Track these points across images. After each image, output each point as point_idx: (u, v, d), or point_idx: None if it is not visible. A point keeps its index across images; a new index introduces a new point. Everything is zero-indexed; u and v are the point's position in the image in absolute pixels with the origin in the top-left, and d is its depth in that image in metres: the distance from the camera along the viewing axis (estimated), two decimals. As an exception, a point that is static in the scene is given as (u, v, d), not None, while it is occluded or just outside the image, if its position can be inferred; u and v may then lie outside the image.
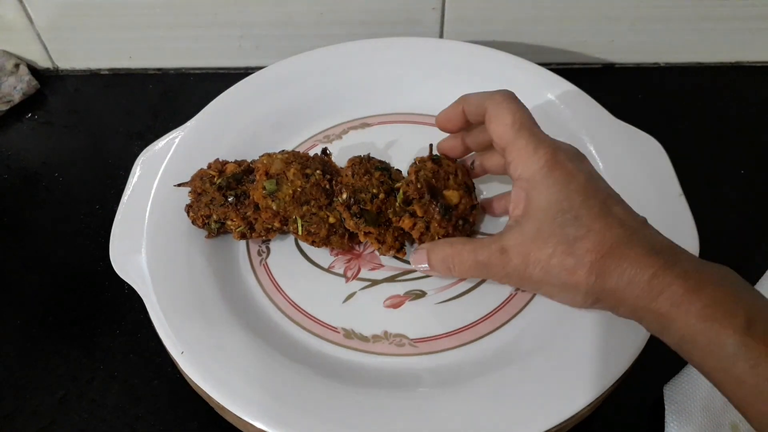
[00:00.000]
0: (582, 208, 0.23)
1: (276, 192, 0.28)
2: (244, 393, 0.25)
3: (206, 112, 0.35)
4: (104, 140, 0.41)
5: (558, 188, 0.24)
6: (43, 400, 0.30)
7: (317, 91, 0.37)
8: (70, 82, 0.45)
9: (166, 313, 0.27)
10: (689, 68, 0.44)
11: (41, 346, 0.32)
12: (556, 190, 0.24)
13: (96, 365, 0.31)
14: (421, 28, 0.42)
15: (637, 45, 0.43)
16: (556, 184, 0.24)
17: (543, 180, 0.24)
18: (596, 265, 0.22)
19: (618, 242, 0.22)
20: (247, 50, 0.44)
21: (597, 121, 0.34)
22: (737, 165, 0.38)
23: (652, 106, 0.42)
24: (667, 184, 0.31)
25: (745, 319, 0.20)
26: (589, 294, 0.23)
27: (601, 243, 0.22)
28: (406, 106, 0.37)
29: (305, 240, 0.29)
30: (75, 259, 0.35)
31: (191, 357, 0.26)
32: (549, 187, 0.24)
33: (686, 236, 0.29)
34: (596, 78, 0.43)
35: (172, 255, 0.29)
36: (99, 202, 0.38)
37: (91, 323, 0.32)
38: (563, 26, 0.42)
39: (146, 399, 0.30)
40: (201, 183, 0.30)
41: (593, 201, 0.23)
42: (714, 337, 0.20)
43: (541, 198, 0.24)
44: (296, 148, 0.35)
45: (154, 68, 0.45)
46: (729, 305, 0.20)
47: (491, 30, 0.42)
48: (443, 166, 0.30)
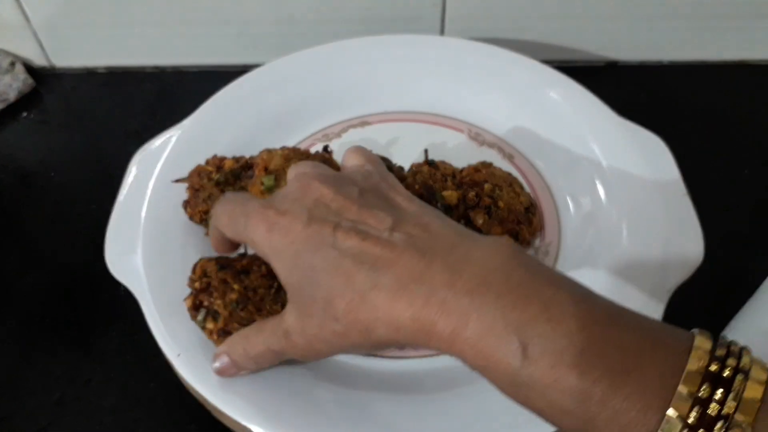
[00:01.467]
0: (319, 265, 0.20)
1: (274, 188, 0.28)
2: (241, 396, 0.25)
3: (203, 110, 0.35)
4: (101, 139, 0.41)
5: (285, 253, 0.20)
6: (39, 402, 0.29)
7: (316, 89, 0.36)
8: (67, 80, 0.45)
9: (162, 314, 0.27)
10: (694, 66, 0.43)
11: (37, 348, 0.31)
12: (284, 256, 0.21)
13: (93, 367, 0.31)
14: (422, 25, 0.42)
15: (640, 42, 0.43)
16: (280, 250, 0.21)
17: (270, 251, 0.21)
18: (359, 324, 0.19)
19: (365, 289, 0.19)
20: (245, 48, 0.43)
21: (600, 119, 0.33)
22: (743, 164, 0.38)
23: (656, 105, 0.41)
24: (672, 184, 0.31)
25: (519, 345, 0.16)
26: (374, 346, 0.20)
27: (352, 298, 0.19)
28: (407, 104, 0.36)
29: None
30: (71, 259, 0.35)
31: (188, 359, 0.26)
32: (275, 254, 0.21)
33: (691, 237, 0.29)
34: (600, 76, 0.43)
35: (168, 255, 0.29)
36: (95, 202, 0.37)
37: (88, 325, 0.32)
38: (566, 23, 0.42)
39: (144, 401, 0.29)
40: (199, 179, 0.30)
41: (325, 252, 0.20)
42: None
43: (278, 267, 0.21)
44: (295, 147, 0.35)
45: (152, 66, 0.45)
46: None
47: (493, 27, 0.42)
48: (440, 169, 0.30)
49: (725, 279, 0.32)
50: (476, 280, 0.18)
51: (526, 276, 0.18)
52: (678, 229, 0.29)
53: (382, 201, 0.21)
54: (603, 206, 0.31)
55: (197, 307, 0.25)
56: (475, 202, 0.29)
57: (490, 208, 0.29)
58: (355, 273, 0.19)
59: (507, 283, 0.18)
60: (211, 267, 0.25)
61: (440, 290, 0.18)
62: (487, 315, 0.17)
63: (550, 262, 0.30)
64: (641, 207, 0.30)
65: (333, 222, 0.20)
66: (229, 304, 0.24)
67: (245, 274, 0.25)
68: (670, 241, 0.28)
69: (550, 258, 0.30)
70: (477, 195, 0.29)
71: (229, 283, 0.25)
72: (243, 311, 0.24)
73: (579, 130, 0.33)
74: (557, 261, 0.30)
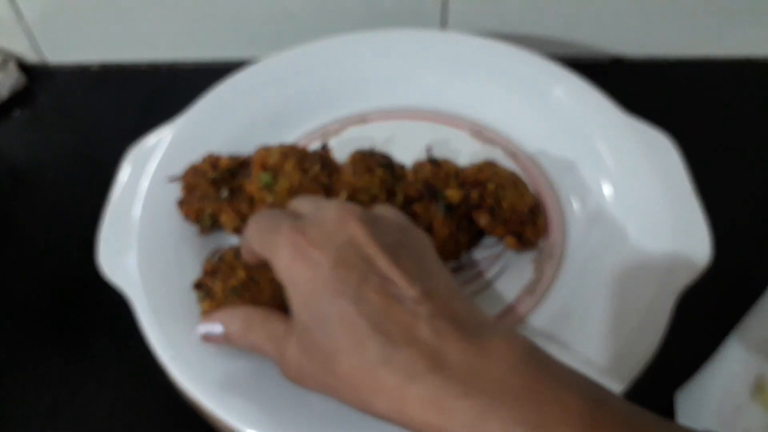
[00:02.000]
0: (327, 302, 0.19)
1: (272, 185, 0.28)
2: (236, 400, 0.24)
3: (198, 107, 0.34)
4: (94, 137, 0.40)
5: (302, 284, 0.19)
6: (33, 407, 0.29)
7: (314, 85, 0.36)
8: (60, 77, 0.44)
9: (156, 317, 0.26)
10: (701, 62, 0.43)
11: (30, 352, 0.31)
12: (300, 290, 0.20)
13: (86, 371, 0.30)
14: (423, 19, 0.41)
15: (647, 38, 0.42)
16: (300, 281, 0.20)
17: (288, 279, 0.20)
18: (357, 391, 0.18)
19: (374, 362, 0.18)
20: (242, 43, 0.43)
21: (606, 116, 0.33)
22: (751, 162, 0.37)
23: (662, 102, 0.41)
24: (679, 182, 0.30)
25: None
26: (366, 413, 0.19)
27: (359, 365, 0.18)
28: (407, 100, 0.36)
29: None
30: (64, 260, 0.34)
31: (182, 363, 0.25)
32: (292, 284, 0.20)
33: (698, 238, 0.28)
34: (605, 72, 0.42)
35: (162, 257, 0.29)
36: (88, 202, 0.37)
37: (81, 328, 0.32)
38: (570, 18, 0.41)
39: (138, 406, 0.29)
40: (194, 177, 0.30)
41: (344, 304, 0.19)
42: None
43: (292, 298, 0.20)
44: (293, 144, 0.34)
45: (146, 62, 0.44)
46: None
47: (496, 21, 0.41)
48: (443, 167, 0.29)
49: (733, 281, 0.32)
50: (493, 381, 0.17)
51: (542, 376, 0.17)
52: (685, 230, 0.28)
53: (415, 261, 0.20)
54: (608, 206, 0.30)
55: (200, 286, 0.25)
56: (479, 202, 0.28)
57: (494, 208, 0.28)
58: (368, 340, 0.18)
59: (523, 384, 0.17)
60: (229, 253, 0.26)
61: (455, 387, 0.17)
62: (503, 418, 0.17)
63: (555, 262, 0.30)
64: (647, 207, 0.29)
65: (361, 271, 0.19)
66: (228, 288, 0.25)
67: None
68: (677, 242, 0.28)
69: (554, 258, 0.30)
70: (480, 195, 0.28)
71: (236, 270, 0.25)
72: (239, 298, 0.24)
73: (584, 128, 0.33)
74: (562, 261, 0.30)
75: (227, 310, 0.24)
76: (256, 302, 0.25)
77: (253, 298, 0.25)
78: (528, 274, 0.29)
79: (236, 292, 0.25)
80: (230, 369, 0.25)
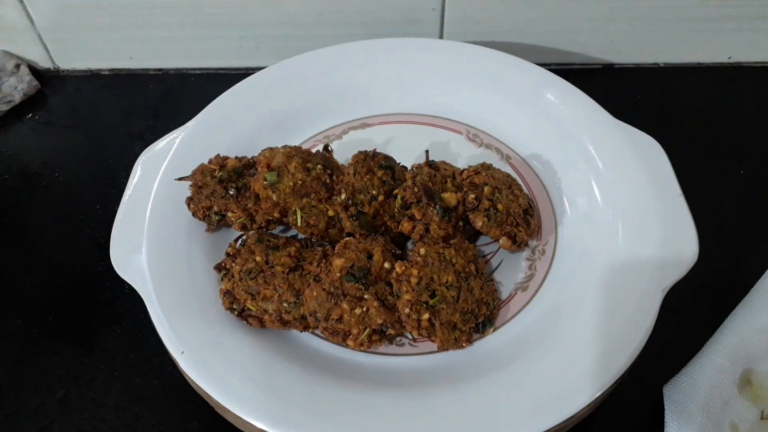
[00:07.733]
0: None
1: (276, 183, 0.29)
2: (244, 392, 0.25)
3: (206, 112, 0.35)
4: (105, 140, 0.41)
5: None
6: (44, 399, 0.30)
7: (317, 91, 0.37)
8: (71, 82, 0.45)
9: (166, 312, 0.27)
10: (689, 68, 0.44)
11: (42, 346, 0.32)
12: None
13: (96, 365, 0.31)
14: (421, 28, 0.42)
15: (636, 45, 0.43)
16: None
17: None
18: None
19: None
20: (248, 51, 0.44)
21: (596, 121, 0.34)
22: (736, 165, 0.38)
23: (651, 107, 0.42)
24: (667, 184, 0.31)
25: None
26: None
27: None
28: (407, 106, 0.37)
29: (304, 232, 0.29)
30: (75, 259, 0.35)
31: (191, 356, 0.26)
32: None
33: (685, 237, 0.29)
34: (596, 78, 0.43)
35: (172, 255, 0.29)
36: (99, 203, 0.38)
37: (92, 323, 0.32)
38: (563, 27, 0.42)
39: (147, 399, 0.30)
40: (202, 176, 0.30)
41: None
42: None
43: None
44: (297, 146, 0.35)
45: (155, 68, 0.45)
46: None
47: (491, 30, 0.42)
48: (440, 170, 0.30)
49: (720, 278, 0.32)
50: None
51: None
52: (673, 229, 0.29)
53: None
54: (599, 206, 0.31)
55: (221, 268, 0.29)
56: (475, 204, 0.29)
57: (490, 210, 0.29)
58: None
59: None
60: (252, 237, 0.29)
61: None
62: None
63: (547, 261, 0.31)
64: (636, 207, 0.30)
65: None
66: (243, 270, 0.27)
67: (275, 250, 0.28)
68: (665, 241, 0.29)
69: (546, 257, 0.31)
70: (477, 198, 0.29)
71: (254, 254, 0.28)
72: (252, 281, 0.27)
73: (575, 132, 0.34)
74: (553, 260, 0.30)
75: None
76: (268, 282, 0.27)
77: (267, 279, 0.27)
78: (521, 271, 0.30)
79: (250, 273, 0.27)
80: (238, 362, 0.26)
